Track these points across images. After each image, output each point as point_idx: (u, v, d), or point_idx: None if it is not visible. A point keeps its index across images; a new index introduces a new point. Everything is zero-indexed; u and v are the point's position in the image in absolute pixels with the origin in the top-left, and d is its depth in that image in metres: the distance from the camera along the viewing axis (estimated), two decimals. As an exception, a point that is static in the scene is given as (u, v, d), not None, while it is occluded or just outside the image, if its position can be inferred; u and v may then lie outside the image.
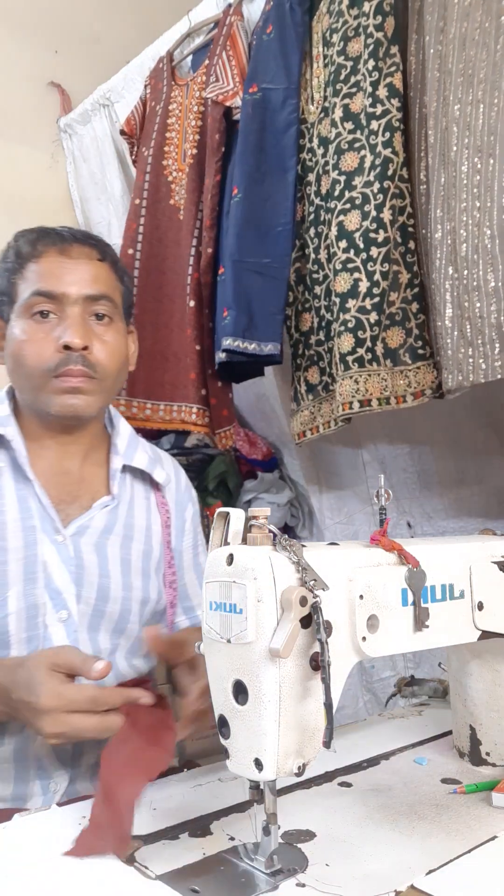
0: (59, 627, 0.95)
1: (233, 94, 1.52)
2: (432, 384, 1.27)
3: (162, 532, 1.10)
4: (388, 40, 1.27)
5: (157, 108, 1.77)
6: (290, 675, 0.62)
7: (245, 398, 2.12)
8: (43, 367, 0.97)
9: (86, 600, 0.98)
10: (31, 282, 0.99)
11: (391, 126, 1.26)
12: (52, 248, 1.01)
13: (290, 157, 1.45)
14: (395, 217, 1.27)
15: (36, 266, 1.00)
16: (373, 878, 0.63)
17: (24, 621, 0.93)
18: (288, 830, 0.72)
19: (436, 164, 1.22)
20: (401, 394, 1.29)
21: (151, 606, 1.06)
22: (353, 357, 1.29)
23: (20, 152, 2.21)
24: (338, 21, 1.35)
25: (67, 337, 0.97)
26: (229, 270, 1.47)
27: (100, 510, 1.03)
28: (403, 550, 0.72)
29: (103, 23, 2.36)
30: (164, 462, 1.18)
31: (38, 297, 0.98)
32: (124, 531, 1.04)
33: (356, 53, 1.32)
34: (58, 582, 0.96)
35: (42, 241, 1.01)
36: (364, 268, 1.28)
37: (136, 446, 1.11)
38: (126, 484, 1.08)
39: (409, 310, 1.28)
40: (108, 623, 1.00)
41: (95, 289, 1.01)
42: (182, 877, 0.64)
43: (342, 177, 1.33)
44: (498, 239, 1.11)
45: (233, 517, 0.66)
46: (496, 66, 1.12)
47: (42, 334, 0.98)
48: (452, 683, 0.91)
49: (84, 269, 1.01)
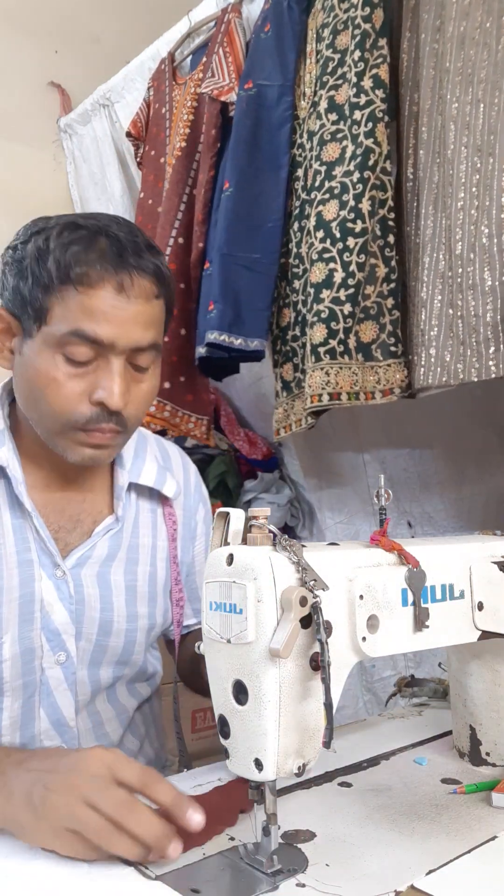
0: (56, 670, 0.90)
1: (228, 89, 1.52)
2: (401, 383, 1.26)
3: (168, 547, 1.02)
4: (375, 32, 1.27)
5: (161, 110, 1.78)
6: (290, 675, 0.62)
7: (245, 398, 2.12)
8: (70, 417, 0.84)
9: (87, 637, 0.92)
10: (72, 313, 0.81)
11: (374, 117, 1.25)
12: (109, 281, 0.81)
13: (284, 154, 1.45)
14: (374, 209, 1.26)
15: (84, 299, 0.81)
16: (373, 878, 0.63)
17: (20, 667, 0.88)
18: (288, 830, 0.72)
19: (428, 161, 1.22)
20: (370, 390, 1.28)
21: (158, 630, 1.01)
22: (324, 348, 1.27)
23: (20, 152, 2.22)
24: (329, 15, 1.35)
25: (107, 397, 0.83)
26: (217, 264, 1.46)
27: (102, 536, 0.94)
28: (403, 550, 0.72)
29: (103, 23, 2.36)
30: (174, 464, 1.08)
31: (81, 339, 0.82)
32: (128, 554, 0.97)
33: (344, 46, 1.32)
34: (56, 622, 0.90)
35: (96, 262, 0.81)
36: (340, 258, 1.27)
37: (144, 456, 1.01)
38: (131, 501, 0.99)
39: (384, 305, 1.27)
40: (110, 657, 0.95)
41: (147, 339, 0.85)
42: (182, 877, 0.64)
43: (323, 167, 1.32)
44: (496, 237, 1.11)
45: (233, 517, 0.66)
46: (497, 65, 1.12)
47: (75, 380, 0.83)
48: (452, 683, 0.91)
49: (139, 313, 0.83)
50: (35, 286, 0.82)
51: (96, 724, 0.95)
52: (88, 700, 0.94)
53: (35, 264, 0.82)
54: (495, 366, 1.12)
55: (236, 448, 2.05)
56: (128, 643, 0.96)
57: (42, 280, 0.82)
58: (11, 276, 0.85)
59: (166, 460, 1.07)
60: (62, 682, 0.91)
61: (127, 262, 0.82)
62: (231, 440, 2.06)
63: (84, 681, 0.93)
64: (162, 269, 0.86)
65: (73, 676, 0.91)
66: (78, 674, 0.92)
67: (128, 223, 0.88)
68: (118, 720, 0.98)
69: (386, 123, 1.26)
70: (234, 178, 1.46)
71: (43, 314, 0.82)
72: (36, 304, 0.83)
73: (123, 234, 0.84)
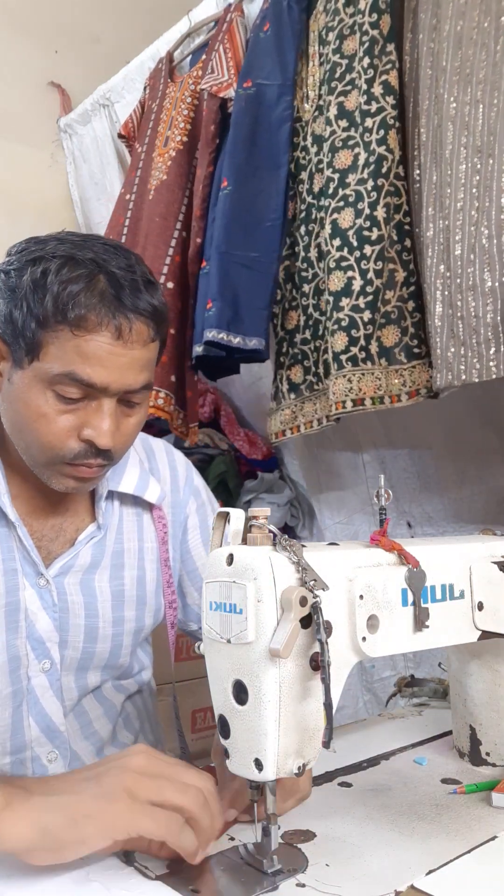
0: (41, 678, 0.91)
1: (227, 85, 1.52)
2: (427, 383, 1.27)
3: (158, 549, 1.02)
4: (383, 38, 1.27)
5: (152, 105, 1.78)
6: (290, 676, 0.62)
7: (245, 398, 2.12)
8: (59, 452, 0.84)
9: (72, 645, 0.93)
10: (68, 355, 0.80)
11: (386, 123, 1.25)
12: (107, 327, 0.80)
13: (283, 153, 1.45)
14: (389, 215, 1.26)
15: (81, 342, 0.79)
16: (373, 878, 0.63)
17: (7, 675, 0.88)
18: (288, 830, 0.72)
19: (428, 161, 1.22)
20: (395, 393, 1.29)
21: (147, 631, 1.02)
22: (346, 356, 1.28)
23: (20, 152, 2.22)
24: (334, 19, 1.35)
25: (95, 437, 0.83)
26: (215, 261, 1.46)
27: (85, 545, 0.94)
28: (403, 550, 0.72)
29: (103, 23, 2.36)
30: (159, 463, 1.07)
31: (73, 382, 0.80)
32: (113, 560, 0.97)
33: (351, 51, 1.32)
34: (40, 630, 0.90)
35: (96, 306, 0.79)
36: (357, 266, 1.27)
37: (125, 461, 0.99)
38: (113, 508, 0.98)
39: (405, 308, 1.28)
40: (98, 661, 0.95)
41: (140, 381, 0.84)
42: (182, 877, 0.64)
43: (336, 175, 1.33)
44: (495, 238, 1.11)
45: (233, 517, 0.66)
46: (496, 66, 1.12)
47: (65, 416, 0.83)
48: (452, 683, 0.91)
49: (135, 359, 0.83)
50: (29, 318, 0.80)
51: (84, 725, 0.96)
52: (75, 703, 0.95)
53: (31, 296, 0.80)
54: (496, 366, 1.12)
55: (236, 448, 2.05)
56: (115, 647, 0.96)
57: (37, 314, 0.80)
58: (3, 301, 0.84)
59: (151, 460, 1.06)
60: (48, 690, 0.91)
61: (125, 305, 0.81)
62: (231, 440, 2.06)
63: (71, 686, 0.93)
64: (158, 309, 0.85)
65: (59, 683, 0.92)
66: (63, 680, 0.93)
67: (126, 253, 0.86)
68: (107, 717, 0.99)
69: (397, 129, 1.26)
70: (232, 177, 1.46)
71: (36, 349, 0.81)
72: (29, 336, 0.81)
73: (122, 271, 0.82)
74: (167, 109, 1.72)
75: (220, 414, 2.09)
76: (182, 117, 1.65)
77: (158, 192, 1.65)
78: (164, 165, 1.65)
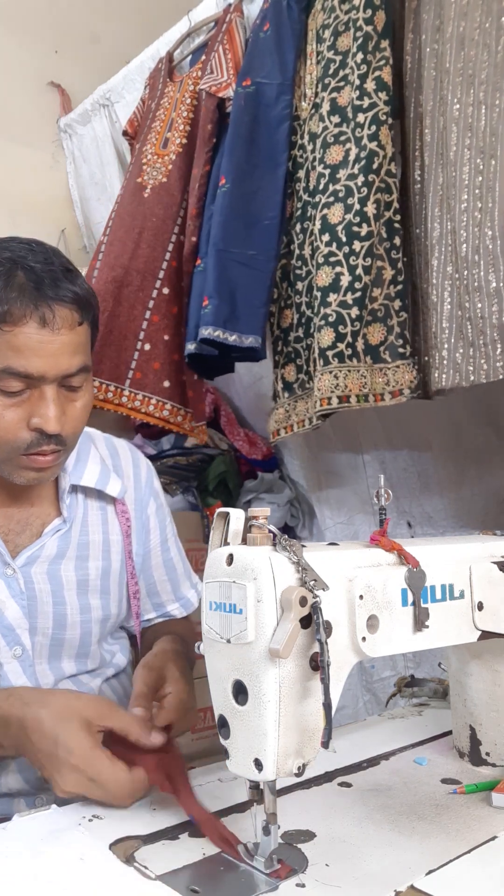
0: (13, 664, 0.94)
1: (226, 85, 1.52)
2: (411, 384, 1.26)
3: (122, 542, 1.06)
4: (377, 34, 1.26)
5: (151, 104, 1.78)
6: (290, 676, 0.62)
7: (245, 398, 2.12)
8: (13, 444, 0.88)
9: (42, 631, 0.96)
10: (1, 351, 0.85)
11: (378, 119, 1.25)
12: (31, 316, 0.84)
13: (282, 152, 1.45)
14: (380, 211, 1.25)
15: (10, 337, 0.84)
16: (373, 878, 0.63)
17: None
18: (288, 830, 0.72)
19: (432, 163, 1.22)
20: (379, 392, 1.28)
21: (113, 621, 1.05)
22: (332, 352, 1.27)
23: (20, 152, 2.22)
24: (330, 16, 1.35)
25: (43, 423, 0.87)
26: (212, 259, 1.45)
27: (51, 536, 0.98)
28: (403, 550, 0.72)
29: (103, 23, 2.36)
30: (123, 462, 1.11)
31: (11, 376, 0.85)
32: (78, 552, 1.00)
33: (346, 48, 1.32)
34: (10, 618, 0.94)
35: (17, 300, 0.83)
36: (346, 262, 1.27)
37: (87, 458, 1.04)
38: (77, 501, 1.02)
39: (391, 307, 1.27)
40: (69, 649, 0.99)
41: (75, 365, 0.88)
42: (182, 877, 0.64)
43: (327, 170, 1.32)
44: (499, 239, 1.11)
45: (233, 517, 0.66)
46: (497, 67, 1.12)
47: (12, 409, 0.87)
48: (452, 683, 0.91)
49: (65, 344, 0.86)
50: None
51: None
52: (52, 688, 0.97)
53: None
54: (502, 367, 1.12)
55: (236, 448, 2.05)
56: (84, 634, 1.00)
57: None
58: None
59: (115, 458, 1.10)
60: (21, 675, 0.94)
61: (45, 295, 0.84)
62: (231, 440, 2.06)
63: (46, 672, 0.97)
64: (81, 294, 0.88)
65: (32, 669, 0.95)
66: (38, 668, 0.96)
67: (42, 248, 0.89)
68: None
69: (390, 126, 1.25)
70: (230, 175, 1.45)
71: None
72: None
73: (39, 265, 0.85)
74: (166, 109, 1.72)
75: (220, 414, 2.09)
76: (182, 119, 1.65)
77: (156, 193, 1.65)
78: (164, 167, 1.65)
